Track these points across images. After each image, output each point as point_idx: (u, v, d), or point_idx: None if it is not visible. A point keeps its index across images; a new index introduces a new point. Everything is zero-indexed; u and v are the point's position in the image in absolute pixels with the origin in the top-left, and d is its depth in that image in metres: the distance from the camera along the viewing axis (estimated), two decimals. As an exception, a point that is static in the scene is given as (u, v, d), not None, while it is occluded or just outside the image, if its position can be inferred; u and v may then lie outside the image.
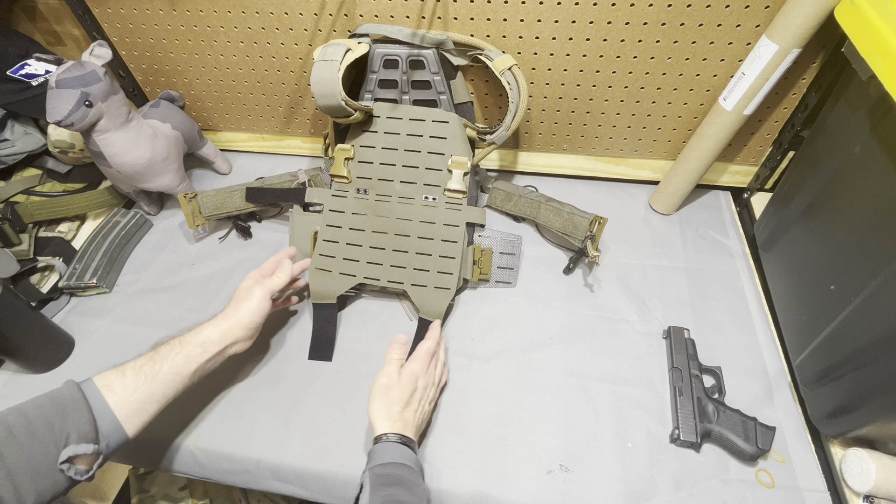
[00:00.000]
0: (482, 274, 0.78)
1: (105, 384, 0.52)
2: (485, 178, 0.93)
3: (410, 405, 0.59)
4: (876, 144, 0.55)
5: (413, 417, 0.59)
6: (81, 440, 0.48)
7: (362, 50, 0.74)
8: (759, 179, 0.89)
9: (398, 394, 0.59)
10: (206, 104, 1.00)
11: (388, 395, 0.59)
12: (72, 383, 0.52)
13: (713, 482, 0.60)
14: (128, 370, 0.54)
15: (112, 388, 0.52)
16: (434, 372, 0.65)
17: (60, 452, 0.47)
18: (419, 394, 0.61)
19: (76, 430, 0.48)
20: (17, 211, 0.85)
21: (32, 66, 0.87)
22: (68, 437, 0.47)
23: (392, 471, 0.52)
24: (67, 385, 0.52)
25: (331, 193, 0.81)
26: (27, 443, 0.45)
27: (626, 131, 0.88)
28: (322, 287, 0.77)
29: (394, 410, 0.58)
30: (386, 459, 0.53)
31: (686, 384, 0.66)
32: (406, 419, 0.58)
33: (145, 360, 0.56)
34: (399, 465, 0.53)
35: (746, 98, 0.71)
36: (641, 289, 0.79)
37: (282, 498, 0.92)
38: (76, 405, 0.49)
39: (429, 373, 0.64)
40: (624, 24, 0.73)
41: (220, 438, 0.65)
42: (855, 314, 0.55)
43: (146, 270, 0.86)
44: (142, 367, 0.55)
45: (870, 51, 0.53)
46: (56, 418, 0.48)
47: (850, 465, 0.58)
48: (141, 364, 0.55)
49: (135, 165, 0.81)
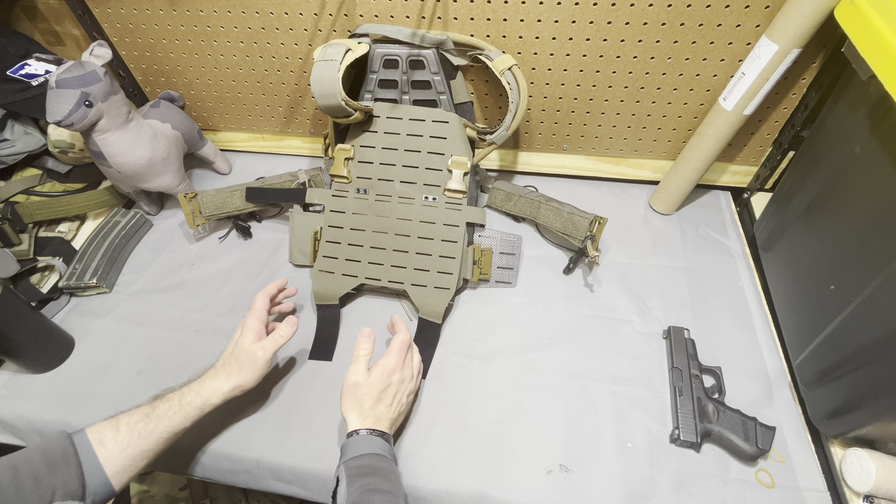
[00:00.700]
0: (482, 274, 0.78)
1: (97, 438, 0.52)
2: (485, 178, 0.93)
3: (383, 400, 0.59)
4: (876, 144, 0.55)
5: (387, 412, 0.59)
6: (67, 497, 0.48)
7: (362, 50, 0.74)
8: (759, 179, 0.89)
9: (367, 391, 0.59)
10: (206, 104, 1.00)
11: (357, 394, 0.59)
12: (64, 436, 0.52)
13: (713, 482, 0.60)
14: (122, 425, 0.54)
15: (104, 442, 0.52)
16: (411, 364, 0.64)
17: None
18: (394, 388, 0.60)
19: (62, 486, 0.48)
20: (17, 211, 0.85)
21: (32, 66, 0.87)
22: (54, 492, 0.47)
23: (367, 461, 0.53)
24: (60, 437, 0.51)
25: (331, 194, 0.81)
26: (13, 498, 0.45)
27: (626, 131, 0.88)
28: (324, 289, 0.77)
29: (364, 407, 0.58)
30: (359, 451, 0.54)
31: (686, 384, 0.66)
32: (378, 414, 0.58)
33: (141, 415, 0.55)
34: (373, 455, 0.54)
35: (746, 98, 0.71)
36: (641, 289, 0.79)
37: (282, 498, 0.92)
38: (66, 460, 0.49)
39: (406, 366, 0.63)
40: (624, 24, 0.73)
41: (220, 438, 0.65)
42: (855, 314, 0.55)
43: (146, 270, 0.86)
44: (136, 423, 0.54)
45: (870, 51, 0.53)
46: (44, 473, 0.48)
47: (850, 465, 0.58)
48: (136, 420, 0.54)
49: (135, 165, 0.81)
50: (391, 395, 0.60)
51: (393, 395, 0.60)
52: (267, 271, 0.85)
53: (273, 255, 0.87)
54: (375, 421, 0.58)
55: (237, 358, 0.61)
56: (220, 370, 0.61)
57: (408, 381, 0.62)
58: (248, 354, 0.61)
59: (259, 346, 0.62)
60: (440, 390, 0.69)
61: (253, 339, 0.62)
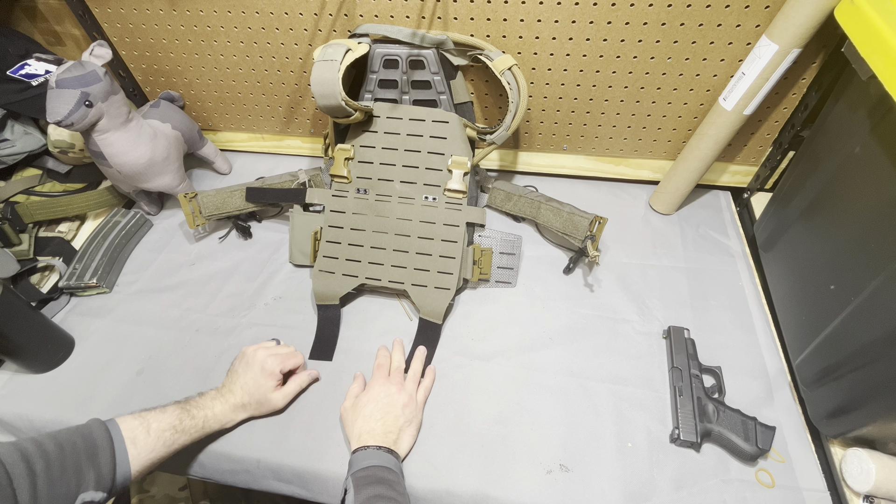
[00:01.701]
0: (482, 274, 0.78)
1: (131, 437, 0.54)
2: (485, 178, 0.93)
3: (372, 416, 0.62)
4: (876, 144, 0.55)
5: (380, 427, 0.61)
6: (99, 487, 0.50)
7: (362, 50, 0.74)
8: (759, 179, 0.89)
9: (354, 412, 0.63)
10: (206, 104, 1.00)
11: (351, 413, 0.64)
12: (104, 428, 0.54)
13: (713, 482, 0.60)
14: (152, 429, 0.56)
15: (136, 442, 0.54)
16: (400, 381, 0.66)
17: (79, 494, 0.48)
18: (381, 405, 0.63)
19: (96, 477, 0.50)
20: (17, 211, 0.85)
21: (32, 66, 0.87)
22: (89, 481, 0.50)
23: (374, 472, 0.55)
24: (100, 429, 0.53)
25: (331, 194, 0.81)
26: (57, 475, 0.47)
27: (626, 131, 0.88)
28: (325, 289, 0.77)
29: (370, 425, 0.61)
30: (367, 463, 0.56)
31: (686, 384, 0.66)
32: (371, 429, 0.60)
33: (168, 425, 0.57)
34: (380, 467, 0.56)
35: (746, 98, 0.71)
36: (641, 289, 0.79)
37: (282, 498, 0.92)
38: (103, 454, 0.52)
39: (392, 383, 0.65)
40: (624, 24, 0.73)
41: (220, 438, 0.65)
42: (855, 314, 0.55)
43: (146, 270, 0.86)
44: (164, 431, 0.56)
45: (870, 51, 0.53)
46: (84, 460, 0.50)
47: (850, 465, 0.58)
48: (164, 429, 0.57)
49: (135, 165, 0.81)
50: (380, 412, 0.62)
51: (382, 411, 0.62)
52: (267, 271, 0.85)
53: (273, 255, 0.87)
54: (383, 437, 0.60)
55: (258, 401, 0.64)
56: (241, 409, 0.64)
57: (396, 395, 0.64)
58: (268, 402, 0.65)
59: (281, 395, 0.65)
60: (440, 390, 0.69)
61: (274, 386, 0.65)
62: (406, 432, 0.62)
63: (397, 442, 0.61)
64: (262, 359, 0.65)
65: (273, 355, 0.66)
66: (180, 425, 0.58)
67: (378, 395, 0.63)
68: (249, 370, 0.64)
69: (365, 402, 0.63)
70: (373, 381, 0.66)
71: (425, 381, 0.68)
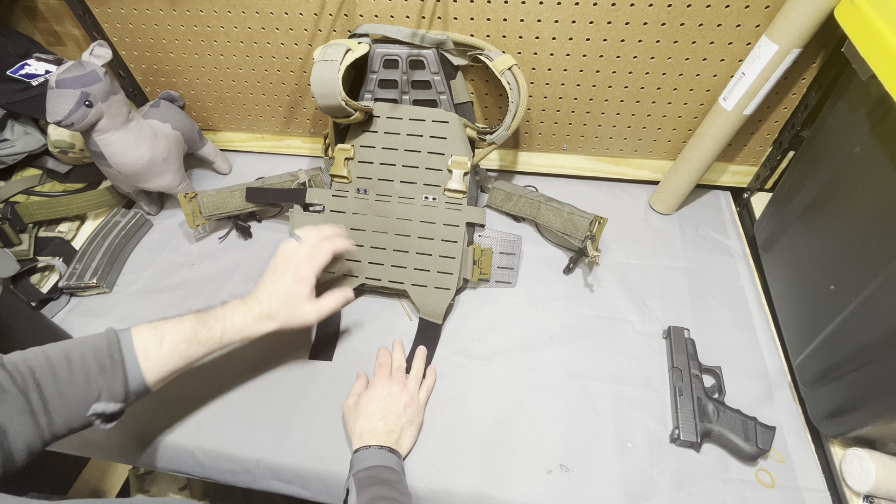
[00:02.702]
0: (482, 274, 0.78)
1: (142, 349, 0.53)
2: (485, 178, 0.93)
3: (374, 415, 0.61)
4: (876, 144, 0.55)
5: (382, 426, 0.60)
6: (111, 399, 0.51)
7: (362, 50, 0.74)
8: (759, 179, 0.89)
9: (356, 410, 0.63)
10: (206, 104, 1.00)
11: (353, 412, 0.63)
12: (114, 339, 0.53)
13: (713, 482, 0.60)
14: (165, 341, 0.54)
15: (148, 354, 0.53)
16: (402, 380, 0.66)
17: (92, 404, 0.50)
18: (382, 403, 0.62)
19: (108, 389, 0.51)
20: (17, 211, 0.85)
21: (32, 66, 0.87)
22: (101, 393, 0.50)
23: (376, 473, 0.54)
24: (110, 341, 0.53)
25: (331, 194, 0.81)
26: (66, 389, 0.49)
27: (626, 131, 0.88)
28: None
29: (377, 427, 0.60)
30: (369, 463, 0.55)
31: (686, 384, 0.66)
32: (373, 428, 0.60)
33: (183, 338, 0.55)
34: (382, 467, 0.55)
35: (746, 98, 0.71)
36: (641, 289, 0.79)
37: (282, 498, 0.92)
38: (114, 367, 0.51)
39: (395, 382, 0.65)
40: (624, 24, 0.73)
41: (220, 438, 0.65)
42: (855, 314, 0.55)
43: (146, 270, 0.86)
44: (179, 343, 0.55)
45: (870, 51, 0.53)
46: (95, 373, 0.50)
47: (850, 465, 0.58)
48: (179, 340, 0.55)
49: (135, 165, 0.81)
50: (382, 411, 0.61)
51: (384, 410, 0.62)
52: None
53: (273, 255, 0.87)
54: (385, 437, 0.59)
55: (288, 310, 0.61)
56: (267, 319, 0.60)
57: (398, 395, 0.63)
58: (300, 313, 0.61)
59: (314, 307, 0.62)
60: (440, 390, 0.69)
61: (307, 294, 0.61)
62: (408, 432, 0.62)
63: (399, 441, 0.60)
64: (296, 264, 0.61)
65: (305, 261, 0.62)
66: (195, 337, 0.56)
67: (380, 394, 0.63)
68: (281, 276, 0.61)
69: (367, 400, 0.63)
70: (375, 380, 0.66)
71: (427, 381, 0.68)
